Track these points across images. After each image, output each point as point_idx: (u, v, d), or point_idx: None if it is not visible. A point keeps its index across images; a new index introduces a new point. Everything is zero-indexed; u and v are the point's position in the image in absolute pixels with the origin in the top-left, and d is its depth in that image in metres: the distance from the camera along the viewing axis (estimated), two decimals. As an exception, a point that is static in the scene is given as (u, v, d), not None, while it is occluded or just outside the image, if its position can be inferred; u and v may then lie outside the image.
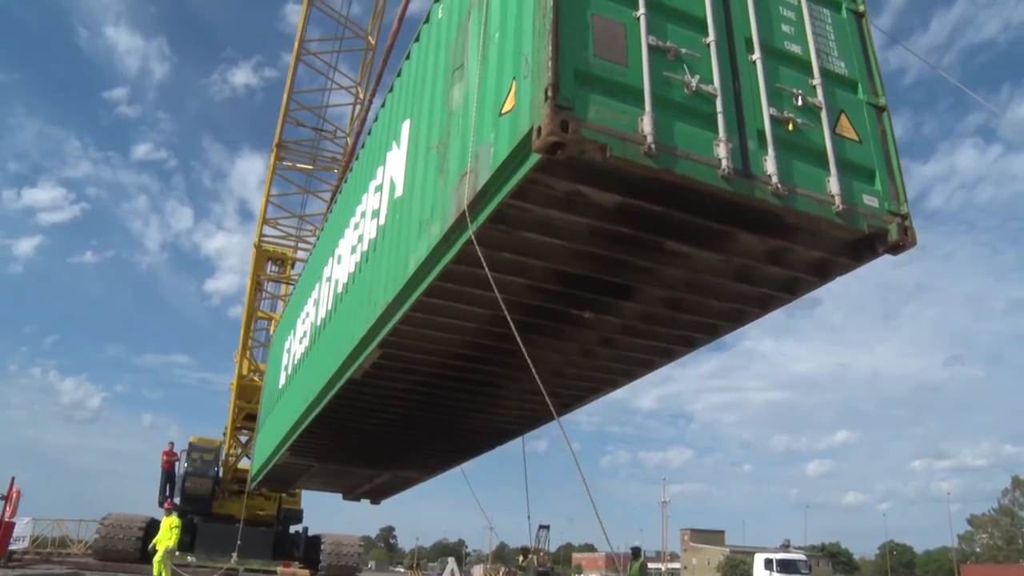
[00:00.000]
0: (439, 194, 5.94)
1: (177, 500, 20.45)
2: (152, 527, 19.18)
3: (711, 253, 5.58)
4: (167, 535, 14.10)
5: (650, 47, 4.65)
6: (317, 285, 11.28)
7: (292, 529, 22.43)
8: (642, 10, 4.72)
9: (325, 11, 21.00)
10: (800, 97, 5.15)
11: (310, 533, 22.36)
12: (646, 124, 4.39)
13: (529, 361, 5.45)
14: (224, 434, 22.22)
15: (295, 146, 22.25)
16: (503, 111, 4.91)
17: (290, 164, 22.32)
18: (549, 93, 4.19)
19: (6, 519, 14.86)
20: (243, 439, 22.27)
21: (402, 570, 77.29)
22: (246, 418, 21.73)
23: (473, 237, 5.20)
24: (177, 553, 15.12)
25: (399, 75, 8.18)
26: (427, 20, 7.35)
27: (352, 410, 9.99)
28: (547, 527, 56.09)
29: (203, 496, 20.87)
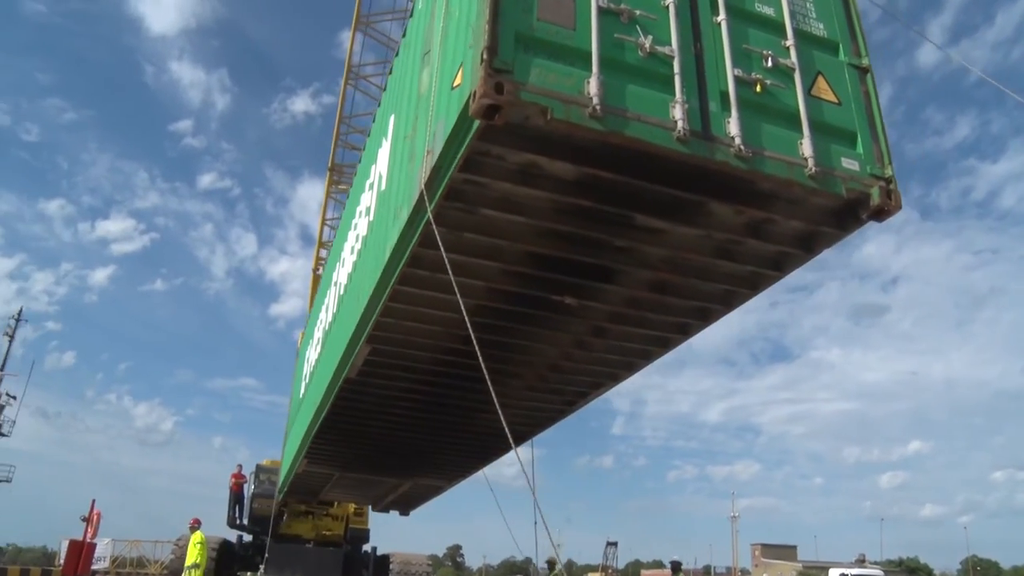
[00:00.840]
0: (408, 179, 5.83)
1: (246, 521, 20.91)
2: (225, 548, 19.85)
3: (686, 228, 5.31)
4: (192, 552, 14.20)
5: (600, 9, 4.46)
6: (328, 291, 11.31)
7: (362, 548, 22.20)
8: None
9: (374, 37, 21.49)
10: (770, 58, 4.88)
11: (379, 552, 22.07)
12: (592, 86, 4.20)
13: (486, 374, 5.41)
14: None
15: (349, 169, 22.49)
16: (454, 85, 4.78)
17: (345, 187, 22.56)
18: (484, 56, 4.04)
19: (88, 540, 15.11)
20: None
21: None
22: None
23: (431, 216, 5.06)
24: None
25: (391, 72, 8.16)
26: (411, 14, 7.30)
27: (354, 413, 9.91)
28: (615, 544, 54.63)
29: (269, 517, 20.60)
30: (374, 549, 22.08)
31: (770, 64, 4.87)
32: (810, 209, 5.03)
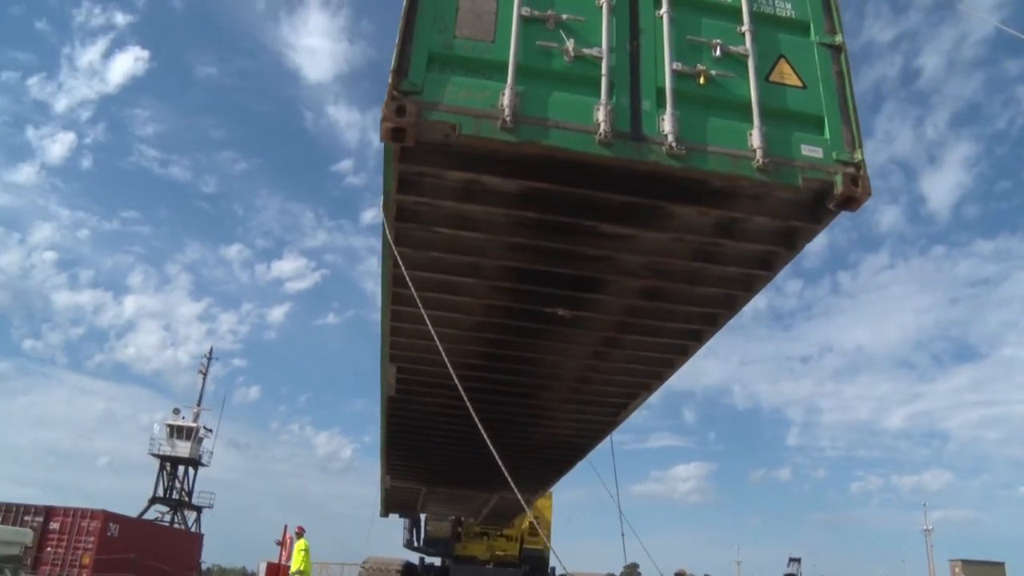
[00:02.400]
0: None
1: (421, 543, 21.70)
2: (409, 570, 20.48)
3: (654, 232, 5.10)
4: (297, 558, 15.03)
5: (522, 18, 4.41)
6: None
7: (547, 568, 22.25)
8: None
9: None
10: (719, 47, 4.60)
11: (559, 573, 22.05)
12: (506, 98, 4.16)
13: (462, 392, 5.29)
14: None
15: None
16: None
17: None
18: (390, 80, 4.11)
19: (283, 563, 16.11)
20: None
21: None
22: None
23: (390, 237, 5.17)
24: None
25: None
26: None
27: (409, 430, 10.18)
28: (798, 560, 51.88)
29: (444, 538, 21.41)
30: (552, 569, 22.06)
31: (719, 53, 4.60)
32: (775, 204, 4.68)
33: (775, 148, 4.39)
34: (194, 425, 42.71)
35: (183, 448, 41.92)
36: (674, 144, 4.23)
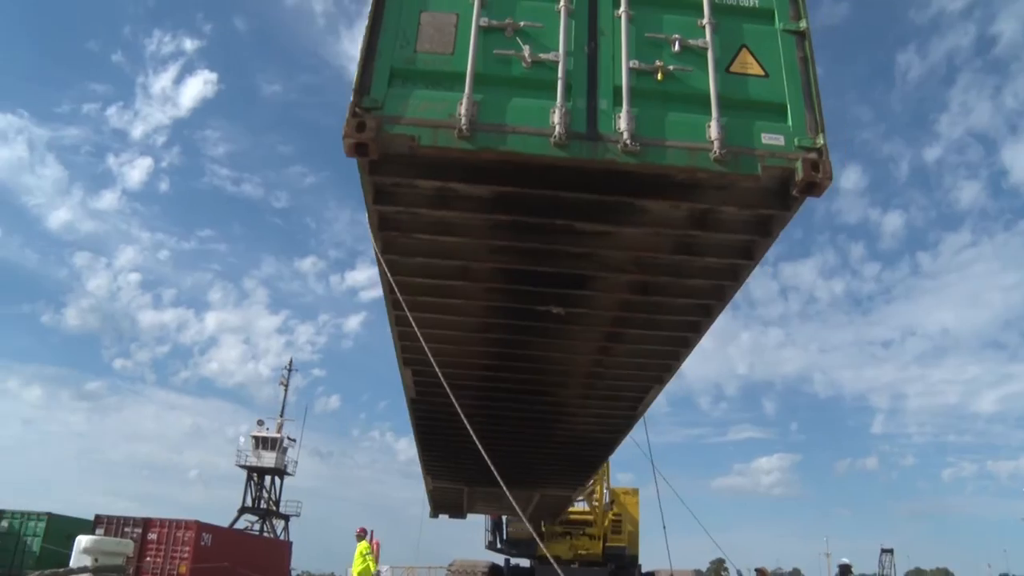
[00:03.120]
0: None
1: (502, 545, 22.08)
2: (494, 571, 20.98)
3: (630, 228, 5.17)
4: (358, 561, 15.13)
5: (480, 28, 4.57)
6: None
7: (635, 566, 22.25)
8: None
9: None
10: (677, 42, 4.66)
11: (644, 570, 22.21)
12: (463, 107, 4.32)
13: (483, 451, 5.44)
14: None
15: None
16: None
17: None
18: (351, 98, 4.32)
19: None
20: None
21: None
22: None
23: (375, 245, 5.40)
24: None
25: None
26: None
27: (436, 430, 10.41)
28: (890, 551, 50.23)
29: (525, 540, 21.47)
30: (639, 566, 22.13)
31: (678, 48, 4.66)
32: (740, 193, 4.71)
33: (734, 138, 4.42)
34: (278, 436, 43.69)
35: (268, 459, 42.98)
36: (628, 141, 4.31)
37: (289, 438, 44.86)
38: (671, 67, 4.59)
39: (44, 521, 19.35)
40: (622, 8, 4.72)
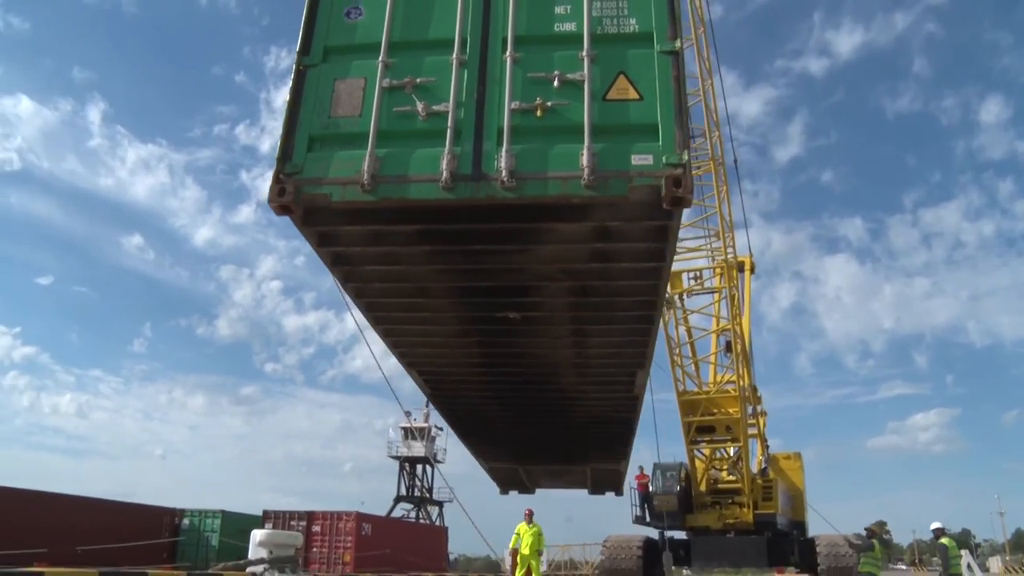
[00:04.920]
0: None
1: (650, 519, 22.35)
2: (649, 545, 21.24)
3: (544, 245, 5.75)
4: (534, 541, 14.88)
5: (383, 89, 5.24)
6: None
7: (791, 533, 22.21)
8: (382, 56, 5.33)
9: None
10: (558, 78, 5.16)
11: (805, 536, 21.96)
12: (366, 163, 5.01)
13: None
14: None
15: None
16: None
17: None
18: (276, 166, 5.10)
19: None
20: (703, 453, 23.04)
21: (903, 567, 69.02)
22: (699, 431, 22.34)
23: (334, 277, 6.22)
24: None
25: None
26: None
27: (466, 420, 11.27)
28: None
29: (671, 512, 21.82)
30: (799, 532, 22.02)
31: (557, 84, 5.15)
32: (628, 208, 5.14)
33: (606, 163, 4.88)
34: (425, 425, 45.09)
35: (418, 448, 45.22)
36: (506, 178, 4.86)
37: (436, 427, 45.81)
38: (550, 103, 5.09)
39: (219, 518, 21.24)
40: (508, 52, 5.27)
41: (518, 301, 6.74)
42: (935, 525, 14.72)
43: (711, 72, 21.05)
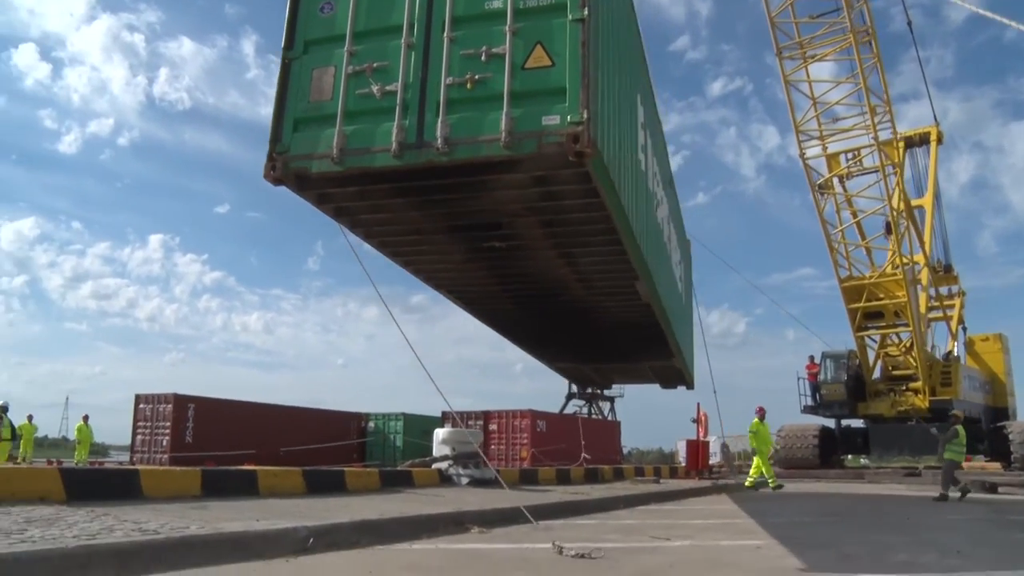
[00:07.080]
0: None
1: (820, 408, 22.18)
2: (826, 434, 21.29)
3: (499, 191, 6.86)
4: (763, 440, 13.90)
5: (347, 75, 6.40)
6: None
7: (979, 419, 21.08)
8: (347, 46, 6.46)
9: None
10: (484, 52, 6.08)
11: (996, 423, 21.32)
12: (335, 139, 6.25)
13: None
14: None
15: (787, 50, 19.94)
16: None
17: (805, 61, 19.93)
18: (268, 147, 6.44)
19: (701, 439, 17.19)
20: (873, 340, 21.95)
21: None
22: (866, 317, 21.24)
23: (340, 227, 7.63)
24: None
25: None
26: None
27: (514, 327, 12.80)
28: None
29: (839, 400, 21.55)
30: (996, 419, 21.36)
31: (484, 58, 6.08)
32: (543, 161, 6.09)
33: (521, 125, 5.82)
34: None
35: None
36: (440, 144, 5.93)
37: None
38: (477, 76, 6.06)
39: (401, 420, 22.81)
40: (446, 33, 6.23)
41: (498, 234, 7.93)
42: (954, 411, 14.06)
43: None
